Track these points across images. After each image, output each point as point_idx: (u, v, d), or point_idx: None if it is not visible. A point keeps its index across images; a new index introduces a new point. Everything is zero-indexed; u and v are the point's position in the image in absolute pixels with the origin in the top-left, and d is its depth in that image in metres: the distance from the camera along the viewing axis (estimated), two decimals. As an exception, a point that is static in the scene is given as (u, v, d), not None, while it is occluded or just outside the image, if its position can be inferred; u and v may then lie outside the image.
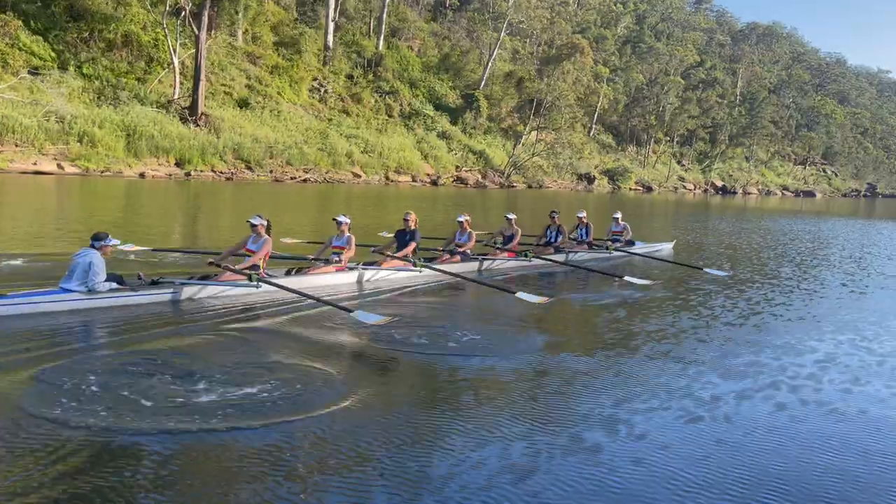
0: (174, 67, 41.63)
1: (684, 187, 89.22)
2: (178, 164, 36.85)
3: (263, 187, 35.48)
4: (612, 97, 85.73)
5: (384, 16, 65.40)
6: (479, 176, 57.97)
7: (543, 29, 73.50)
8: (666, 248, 16.86)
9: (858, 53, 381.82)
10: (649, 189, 79.84)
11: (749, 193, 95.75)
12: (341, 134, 49.42)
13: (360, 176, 46.83)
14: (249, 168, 39.77)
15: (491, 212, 27.42)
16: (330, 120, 51.90)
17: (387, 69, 62.39)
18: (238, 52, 50.31)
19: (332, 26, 57.44)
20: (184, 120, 39.86)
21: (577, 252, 14.05)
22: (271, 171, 40.57)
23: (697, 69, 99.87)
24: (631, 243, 15.51)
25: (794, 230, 28.35)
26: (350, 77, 58.51)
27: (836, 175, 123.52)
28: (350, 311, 7.51)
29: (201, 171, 37.24)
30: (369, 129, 52.97)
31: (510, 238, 12.95)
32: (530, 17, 68.73)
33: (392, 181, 49.36)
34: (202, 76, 40.52)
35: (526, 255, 12.92)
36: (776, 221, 34.01)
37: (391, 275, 10.72)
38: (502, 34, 67.66)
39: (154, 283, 8.28)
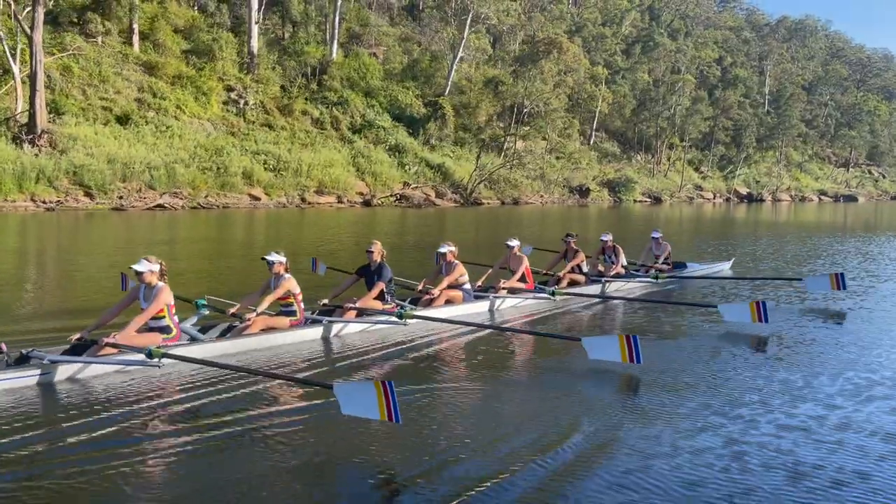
0: (15, 78, 34.48)
1: (702, 196, 79.00)
2: (-18, 194, 29.35)
3: (93, 219, 27.78)
4: (611, 100, 76.27)
5: (337, 20, 57.87)
6: (432, 193, 49.33)
7: (521, 25, 64.63)
8: (724, 268, 14.60)
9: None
10: (658, 200, 70.11)
11: (779, 200, 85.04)
12: (247, 150, 41.45)
13: (258, 199, 38.69)
14: (89, 195, 31.97)
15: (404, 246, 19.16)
16: (246, 135, 44.15)
17: (334, 77, 54.76)
18: (130, 61, 43.08)
19: (255, 29, 49.92)
20: (18, 140, 32.52)
21: (612, 282, 11.78)
22: (121, 197, 32.71)
23: (712, 66, 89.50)
24: (682, 265, 13.85)
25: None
26: (285, 88, 50.96)
27: (885, 176, 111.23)
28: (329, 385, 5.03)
29: (13, 200, 29.58)
30: (293, 144, 44.92)
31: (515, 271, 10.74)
32: (499, 11, 59.87)
33: (310, 203, 41.10)
34: (39, 86, 33.08)
35: (552, 294, 10.37)
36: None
37: (371, 327, 8.11)
38: (466, 32, 59.10)
39: (22, 359, 5.97)
